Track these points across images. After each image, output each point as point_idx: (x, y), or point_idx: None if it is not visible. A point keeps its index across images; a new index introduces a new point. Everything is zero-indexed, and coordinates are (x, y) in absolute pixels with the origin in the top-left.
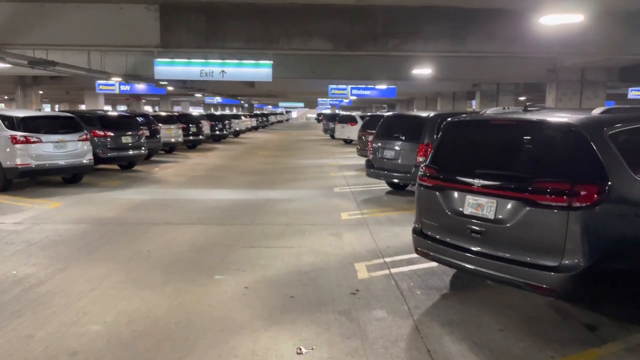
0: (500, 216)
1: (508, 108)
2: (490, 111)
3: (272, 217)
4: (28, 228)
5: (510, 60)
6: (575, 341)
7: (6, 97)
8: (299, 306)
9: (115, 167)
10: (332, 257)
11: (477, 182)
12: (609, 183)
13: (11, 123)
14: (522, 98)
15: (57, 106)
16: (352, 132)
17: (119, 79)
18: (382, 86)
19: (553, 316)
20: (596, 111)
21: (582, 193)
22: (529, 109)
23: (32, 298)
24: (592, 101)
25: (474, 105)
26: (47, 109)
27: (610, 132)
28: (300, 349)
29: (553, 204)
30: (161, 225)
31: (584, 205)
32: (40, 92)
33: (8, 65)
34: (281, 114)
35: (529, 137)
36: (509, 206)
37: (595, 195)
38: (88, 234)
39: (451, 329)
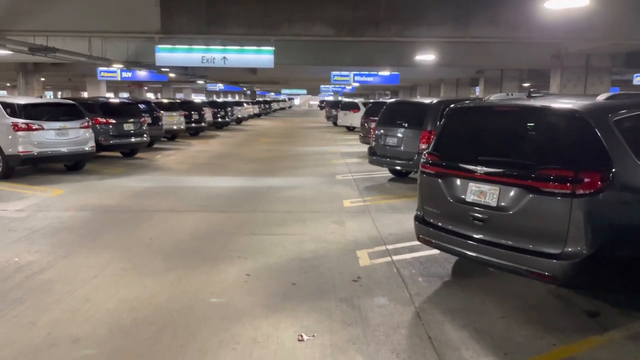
0: (502, 203)
1: (512, 94)
2: (494, 97)
3: (274, 204)
4: (30, 215)
5: (514, 46)
6: (577, 329)
7: (8, 85)
8: (301, 293)
9: (118, 154)
10: (333, 245)
11: (480, 169)
12: (613, 170)
13: (13, 110)
14: (526, 84)
15: (59, 93)
16: (354, 119)
17: (121, 66)
18: (385, 73)
19: (555, 304)
20: (601, 97)
21: (586, 180)
22: (532, 95)
23: (35, 285)
24: (597, 87)
25: (478, 91)
26: (49, 96)
27: (615, 119)
28: (302, 336)
29: (556, 191)
30: (163, 212)
31: (587, 192)
32: (42, 79)
33: (9, 52)
34: (284, 101)
35: (532, 124)
36: (512, 193)
37: (599, 183)
38: (90, 222)
39: (453, 316)
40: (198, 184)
